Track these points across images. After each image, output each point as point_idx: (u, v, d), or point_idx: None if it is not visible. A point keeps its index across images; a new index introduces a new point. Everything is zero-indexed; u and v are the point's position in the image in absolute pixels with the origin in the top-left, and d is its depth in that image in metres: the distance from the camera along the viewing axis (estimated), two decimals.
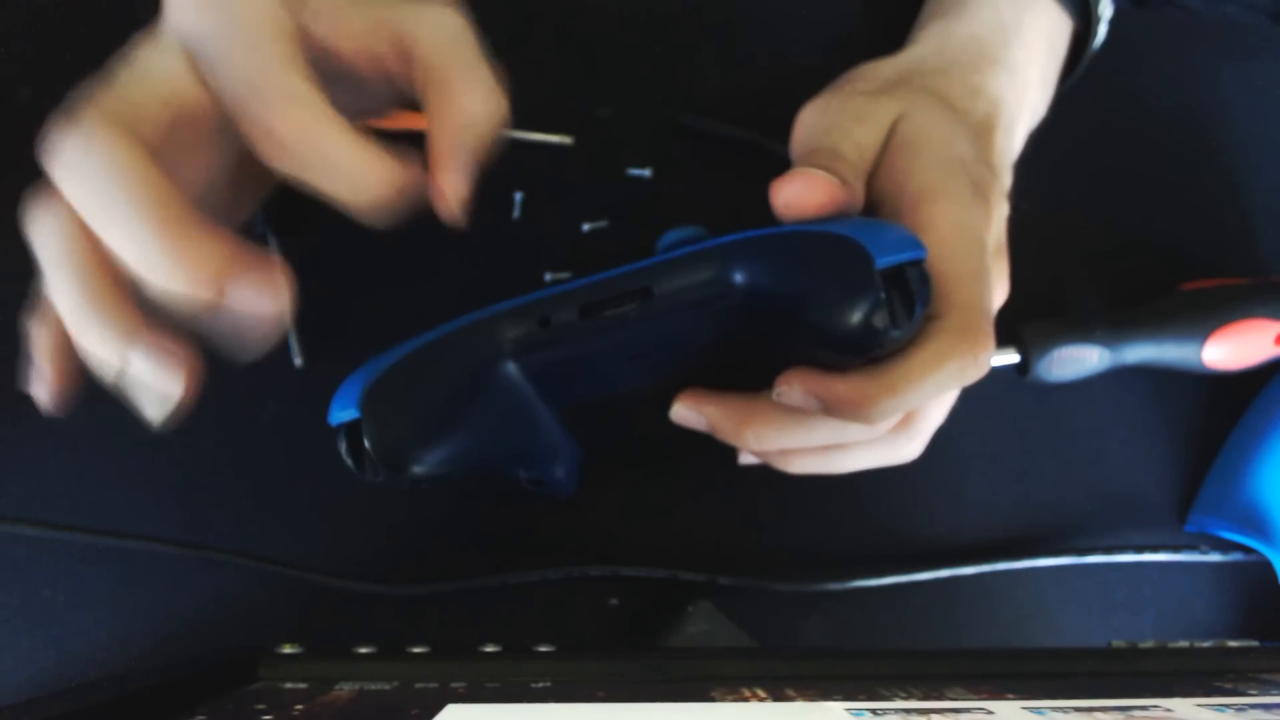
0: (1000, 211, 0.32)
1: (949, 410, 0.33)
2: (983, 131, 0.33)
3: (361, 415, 0.27)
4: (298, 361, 0.38)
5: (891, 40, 0.39)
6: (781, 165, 0.30)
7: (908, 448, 0.33)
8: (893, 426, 0.31)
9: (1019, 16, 0.36)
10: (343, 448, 0.28)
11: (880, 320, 0.25)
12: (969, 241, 0.28)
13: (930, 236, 0.28)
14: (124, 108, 0.24)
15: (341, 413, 0.28)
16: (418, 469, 0.28)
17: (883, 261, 0.25)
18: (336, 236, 0.40)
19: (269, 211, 0.39)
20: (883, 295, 0.25)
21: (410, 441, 0.28)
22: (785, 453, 0.32)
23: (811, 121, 0.33)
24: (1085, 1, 0.37)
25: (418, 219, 0.42)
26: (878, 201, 0.31)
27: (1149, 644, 0.31)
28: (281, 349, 0.38)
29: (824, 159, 0.29)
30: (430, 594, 0.37)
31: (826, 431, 0.30)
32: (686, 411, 0.31)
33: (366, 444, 0.27)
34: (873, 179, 0.31)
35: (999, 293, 0.33)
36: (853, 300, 0.25)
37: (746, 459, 0.34)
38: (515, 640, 0.30)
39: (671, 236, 0.35)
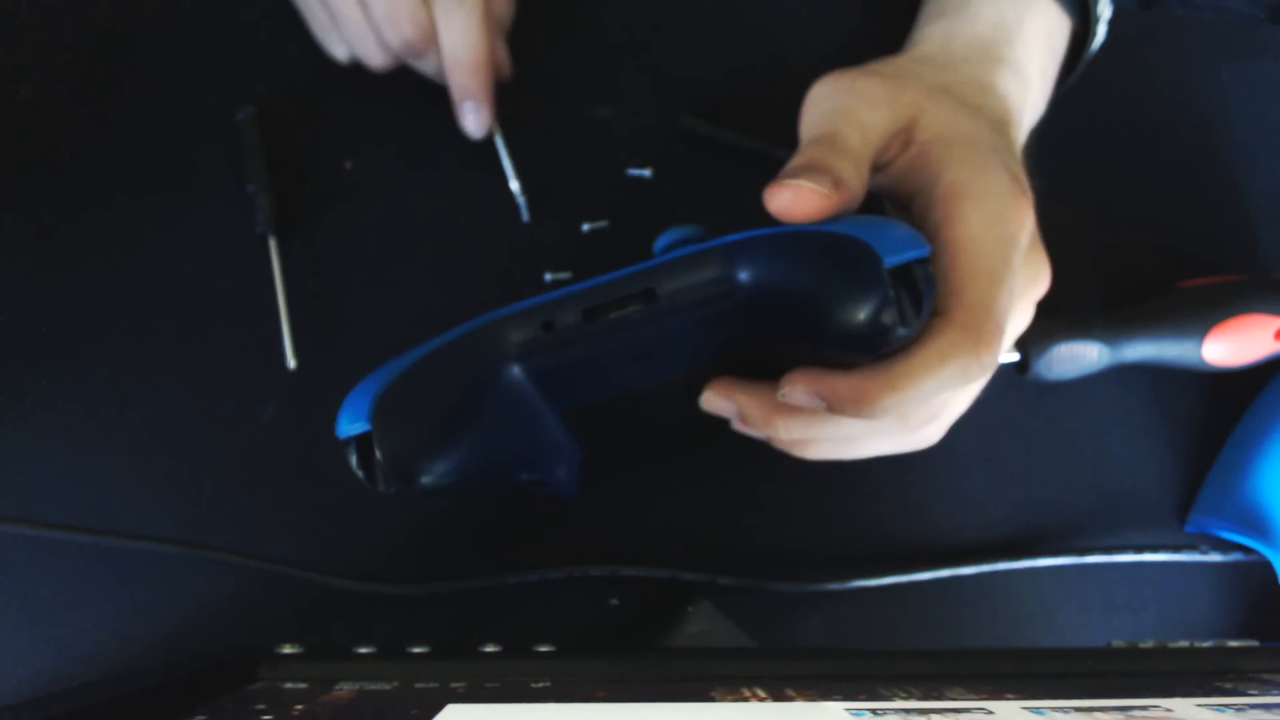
0: (1031, 203, 0.32)
1: (972, 399, 0.33)
2: (1001, 127, 0.33)
3: (373, 427, 0.27)
4: (290, 364, 0.38)
5: (893, 43, 0.39)
6: (782, 166, 0.30)
7: (927, 435, 0.33)
8: (917, 418, 0.31)
9: (1019, 16, 0.36)
10: (353, 460, 0.28)
11: (889, 318, 0.25)
12: (995, 239, 0.28)
13: (958, 231, 0.28)
14: None
15: (351, 425, 0.28)
16: (427, 479, 0.28)
17: (890, 260, 0.25)
18: (334, 237, 0.41)
19: (268, 213, 0.39)
20: (891, 294, 0.25)
21: (421, 451, 0.28)
22: (804, 439, 0.32)
23: (820, 99, 0.32)
24: (1084, 2, 0.37)
25: (414, 229, 0.42)
26: (909, 194, 0.31)
27: (1149, 644, 0.31)
28: (279, 351, 0.38)
29: (821, 152, 0.29)
30: (430, 594, 0.37)
31: (855, 423, 0.30)
32: (717, 400, 0.31)
33: (379, 456, 0.27)
34: (902, 172, 0.31)
35: (1040, 284, 0.32)
36: (862, 299, 0.25)
37: (741, 426, 0.33)
38: (515, 640, 0.30)
39: (668, 237, 0.35)
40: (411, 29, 0.37)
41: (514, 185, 0.40)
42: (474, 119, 0.39)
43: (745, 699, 0.25)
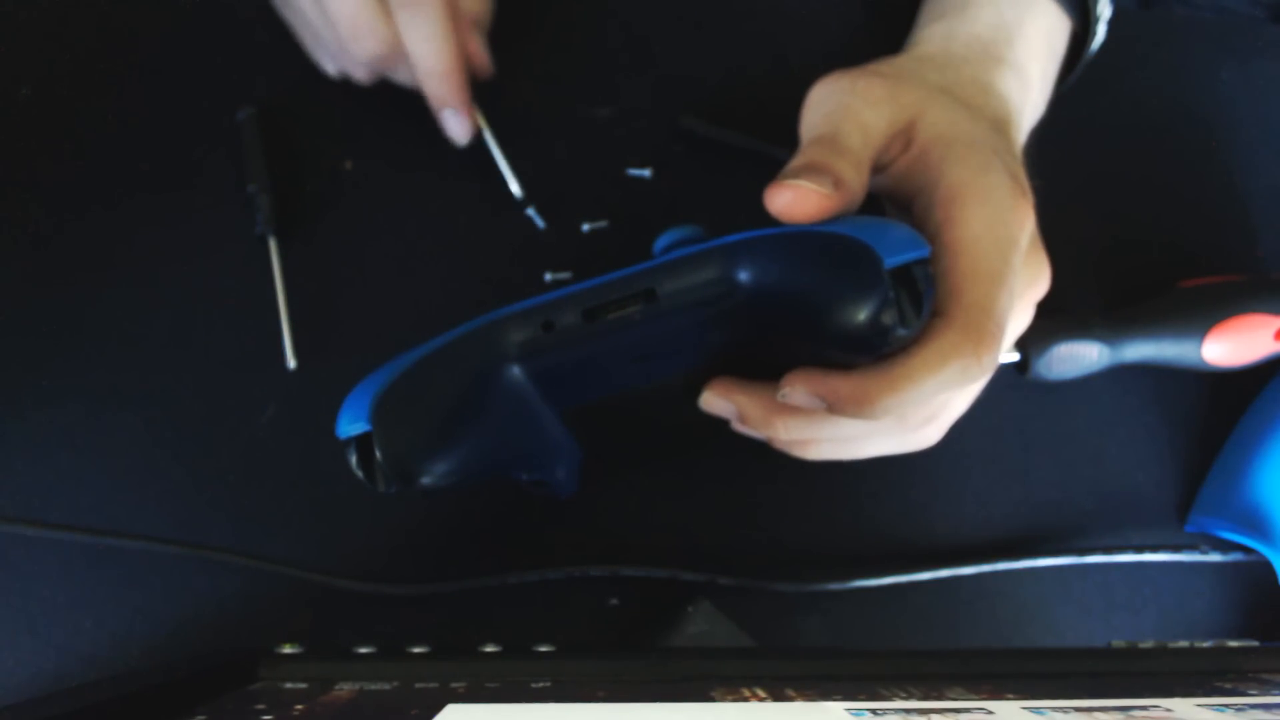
0: (1031, 203, 0.32)
1: (972, 400, 0.33)
2: (1002, 127, 0.33)
3: (373, 428, 0.27)
4: (290, 364, 0.38)
5: (893, 44, 0.39)
6: (781, 166, 0.30)
7: (927, 435, 0.33)
8: (916, 418, 0.31)
9: (1020, 17, 0.36)
10: (353, 460, 0.28)
11: (889, 319, 0.25)
12: (996, 241, 0.28)
13: (959, 233, 0.28)
14: None
15: (351, 425, 0.28)
16: (427, 479, 0.28)
17: (891, 261, 0.25)
18: (334, 237, 0.41)
19: (268, 213, 0.39)
20: (892, 295, 0.25)
21: (421, 452, 0.28)
22: (804, 439, 0.32)
23: (821, 99, 0.32)
24: (1084, 2, 0.37)
25: (414, 222, 0.42)
26: (910, 195, 0.31)
27: (1149, 644, 0.31)
28: (279, 351, 0.38)
29: (822, 152, 0.29)
30: (430, 594, 0.37)
31: (854, 423, 0.30)
32: (717, 400, 0.31)
33: (379, 456, 0.27)
34: (903, 173, 0.31)
35: (1040, 285, 0.32)
36: (862, 300, 0.25)
37: (741, 426, 0.33)
38: (515, 640, 0.30)
39: (668, 237, 0.35)
40: (375, 44, 0.36)
41: (515, 188, 0.40)
42: (455, 125, 0.39)
43: (745, 699, 0.25)
